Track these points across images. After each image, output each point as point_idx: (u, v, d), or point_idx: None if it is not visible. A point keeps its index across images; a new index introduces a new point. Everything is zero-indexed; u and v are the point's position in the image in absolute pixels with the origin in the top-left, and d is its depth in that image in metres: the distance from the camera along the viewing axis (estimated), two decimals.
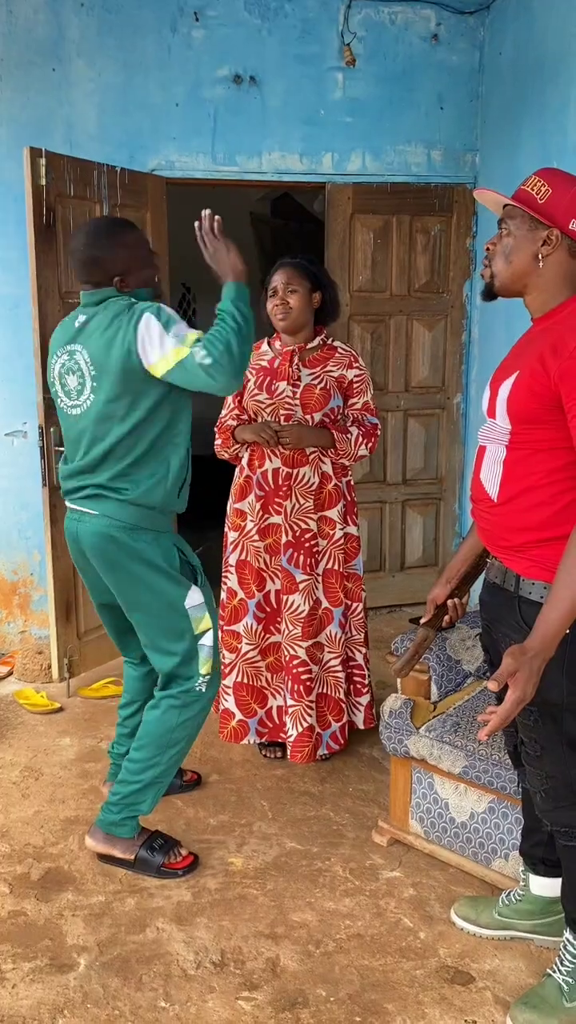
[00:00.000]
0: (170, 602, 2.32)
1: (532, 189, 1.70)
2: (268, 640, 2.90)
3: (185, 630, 2.34)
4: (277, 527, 2.82)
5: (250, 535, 2.84)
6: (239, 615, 2.89)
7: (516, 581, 1.78)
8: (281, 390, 2.76)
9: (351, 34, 3.93)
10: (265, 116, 3.90)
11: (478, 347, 4.33)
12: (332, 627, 2.88)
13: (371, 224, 4.13)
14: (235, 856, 2.51)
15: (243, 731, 2.91)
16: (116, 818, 2.43)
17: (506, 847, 2.28)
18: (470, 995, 2.01)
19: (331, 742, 2.93)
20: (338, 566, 2.87)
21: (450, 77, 4.11)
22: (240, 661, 2.89)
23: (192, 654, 2.36)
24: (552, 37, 3.57)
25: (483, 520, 1.85)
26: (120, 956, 2.13)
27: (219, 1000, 2.00)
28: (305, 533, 2.81)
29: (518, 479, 1.74)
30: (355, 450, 2.80)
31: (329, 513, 2.84)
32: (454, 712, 2.48)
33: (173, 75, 3.77)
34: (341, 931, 2.22)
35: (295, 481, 2.79)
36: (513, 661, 1.57)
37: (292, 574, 2.81)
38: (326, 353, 2.82)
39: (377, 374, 4.28)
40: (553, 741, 1.79)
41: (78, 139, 3.66)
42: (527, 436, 1.71)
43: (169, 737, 2.39)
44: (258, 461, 2.81)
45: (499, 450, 1.77)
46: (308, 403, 2.76)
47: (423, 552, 4.53)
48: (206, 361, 2.11)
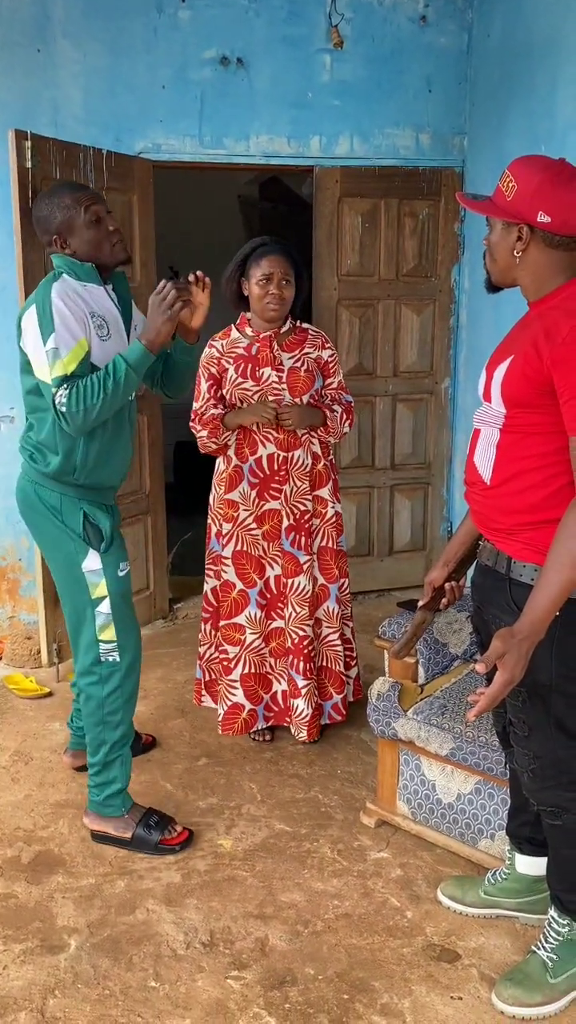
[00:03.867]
0: (68, 561, 2.36)
1: (503, 185, 1.71)
2: (271, 626, 2.93)
3: (82, 592, 2.37)
4: (274, 512, 2.83)
5: (246, 524, 2.84)
6: (240, 607, 2.88)
7: (508, 563, 1.80)
8: (267, 376, 2.76)
9: (339, 15, 3.89)
10: (253, 99, 3.88)
11: (466, 332, 4.33)
12: (329, 603, 2.94)
13: (359, 208, 4.12)
14: (224, 838, 2.54)
15: (252, 720, 2.94)
16: (99, 799, 2.48)
17: (492, 827, 2.31)
18: (456, 972, 2.04)
19: (333, 712, 3.00)
20: (332, 543, 2.94)
21: (438, 59, 4.08)
22: (245, 652, 2.90)
23: (86, 618, 2.38)
24: (540, 19, 3.56)
25: (476, 502, 1.86)
26: (110, 937, 2.15)
27: (208, 979, 2.02)
28: (304, 514, 2.86)
29: (511, 462, 1.75)
30: (341, 427, 2.87)
31: (321, 492, 2.90)
32: (441, 695, 2.50)
33: (159, 57, 3.73)
34: (329, 911, 2.24)
35: (291, 464, 2.82)
36: (502, 644, 1.59)
37: (296, 556, 2.85)
38: (300, 336, 2.85)
39: (365, 359, 4.28)
40: (541, 722, 1.81)
41: (64, 121, 3.63)
42: (521, 420, 1.73)
43: (102, 714, 2.43)
44: (249, 449, 2.81)
45: (493, 433, 1.79)
46: (295, 386, 2.78)
47: (411, 537, 4.54)
48: (62, 408, 2.17)
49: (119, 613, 2.40)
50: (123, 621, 2.42)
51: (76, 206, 2.27)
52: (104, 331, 2.29)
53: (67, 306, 2.18)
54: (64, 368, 2.17)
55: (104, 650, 2.40)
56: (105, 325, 2.30)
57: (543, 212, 1.66)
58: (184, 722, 3.19)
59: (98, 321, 2.27)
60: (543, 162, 1.69)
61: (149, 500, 3.97)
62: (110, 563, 2.37)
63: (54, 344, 2.16)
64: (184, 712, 3.25)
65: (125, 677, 2.43)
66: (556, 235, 1.68)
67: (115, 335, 2.33)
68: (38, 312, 2.19)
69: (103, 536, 2.36)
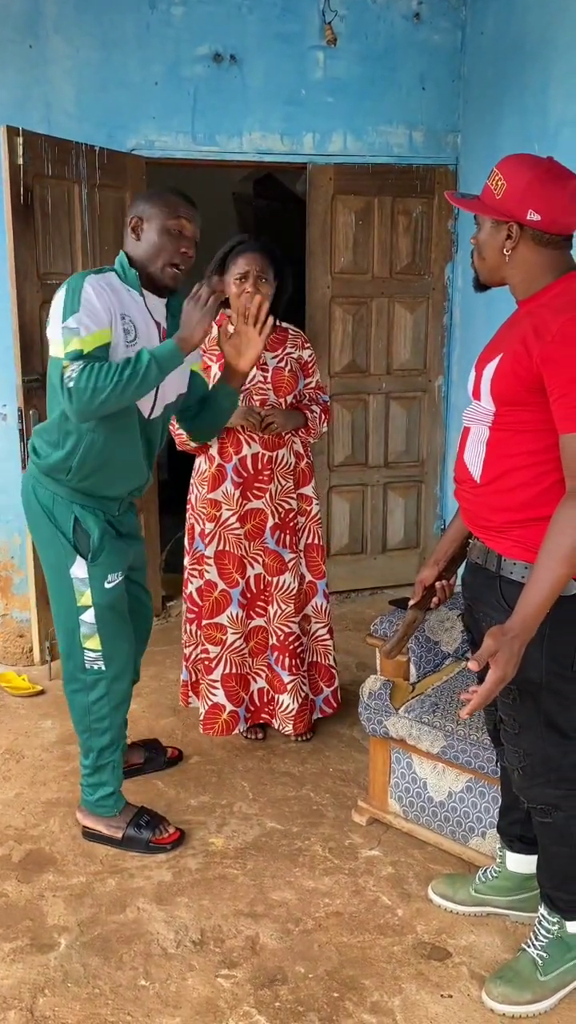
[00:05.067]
0: (58, 561, 2.33)
1: (492, 184, 1.71)
2: (251, 625, 2.92)
3: (69, 597, 2.34)
4: (258, 511, 2.83)
5: (228, 524, 2.83)
6: (221, 606, 2.87)
7: (497, 561, 1.80)
8: (252, 376, 2.75)
9: (332, 12, 3.88)
10: (246, 95, 3.87)
11: (460, 330, 4.33)
12: (318, 598, 2.97)
13: (353, 205, 4.11)
14: (216, 836, 2.53)
15: (234, 721, 2.92)
16: (92, 799, 2.47)
17: (483, 825, 2.31)
18: (446, 970, 2.04)
19: (324, 706, 3.03)
20: (319, 540, 2.96)
21: (432, 57, 4.08)
22: (227, 652, 2.88)
23: (72, 624, 2.35)
24: (533, 16, 3.56)
25: (466, 500, 1.86)
26: (100, 936, 2.15)
27: (199, 978, 2.02)
28: (289, 513, 2.86)
29: (501, 460, 1.75)
30: (320, 427, 2.89)
31: (305, 490, 2.92)
32: (432, 693, 2.50)
33: (152, 53, 3.72)
34: (320, 909, 2.24)
35: (276, 463, 2.81)
36: (494, 642, 1.59)
37: (281, 555, 2.85)
38: (281, 335, 2.85)
39: (359, 357, 4.28)
40: (531, 719, 1.81)
41: (56, 118, 3.61)
42: (510, 417, 1.73)
43: (88, 721, 2.40)
44: (233, 448, 2.79)
45: (483, 431, 1.78)
46: (280, 386, 2.78)
47: (404, 535, 4.54)
48: (69, 384, 2.04)
49: (105, 624, 2.35)
50: (110, 631, 2.37)
51: (172, 208, 2.22)
52: (131, 336, 2.19)
53: (97, 295, 2.11)
54: (81, 344, 2.06)
55: (89, 658, 2.36)
56: (134, 330, 2.20)
57: (533, 210, 1.66)
58: (176, 720, 3.19)
59: (127, 324, 2.18)
60: (531, 160, 1.69)
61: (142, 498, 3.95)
62: (97, 574, 2.31)
63: (75, 324, 2.08)
64: (176, 710, 3.25)
65: (111, 685, 2.39)
66: (545, 233, 1.69)
67: (142, 344, 2.21)
68: (66, 294, 2.13)
69: (91, 545, 2.30)
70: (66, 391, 2.06)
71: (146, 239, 2.23)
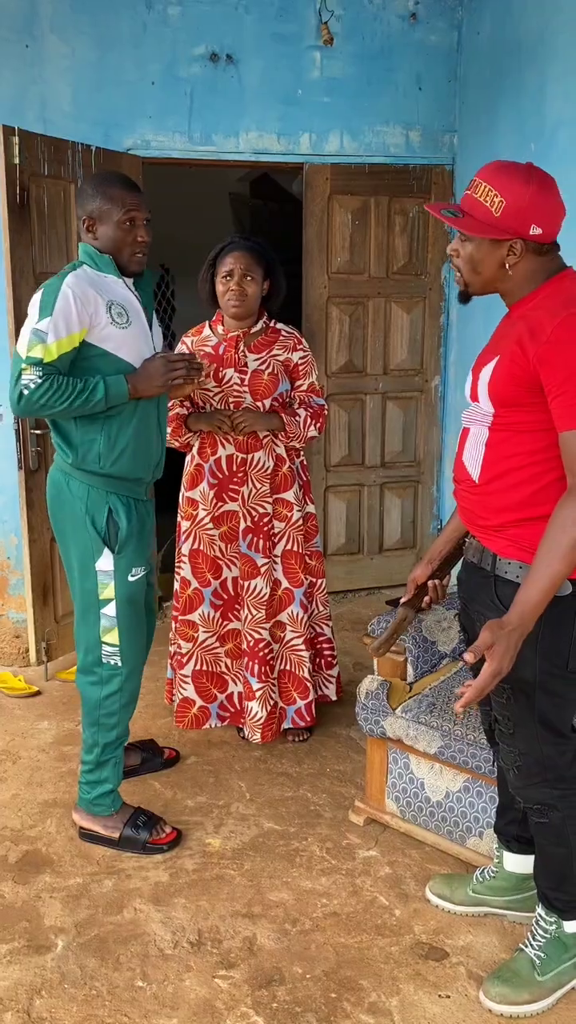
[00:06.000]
0: (85, 555, 2.34)
1: (485, 200, 1.67)
2: (227, 627, 2.90)
3: (92, 590, 2.35)
4: (232, 514, 2.81)
5: (203, 523, 2.82)
6: (194, 604, 2.87)
7: (493, 560, 1.80)
8: (229, 377, 2.73)
9: (329, 12, 3.88)
10: (242, 95, 3.86)
11: (456, 330, 4.33)
12: (293, 607, 2.90)
13: (349, 205, 4.11)
14: (213, 837, 2.53)
15: (204, 717, 2.91)
16: (89, 798, 2.47)
17: (480, 825, 2.30)
18: (444, 971, 2.04)
19: (296, 718, 2.95)
20: (298, 547, 2.88)
21: (428, 57, 4.08)
22: (198, 649, 2.88)
23: (92, 617, 2.37)
24: (529, 17, 3.56)
25: (464, 500, 1.87)
26: (98, 937, 2.14)
27: (196, 979, 2.02)
28: (263, 517, 2.82)
29: (499, 460, 1.75)
30: (305, 432, 2.81)
31: (285, 495, 2.85)
32: (430, 693, 2.50)
33: (148, 53, 3.72)
34: (317, 910, 2.24)
35: (250, 466, 2.78)
36: (490, 634, 1.60)
37: (253, 559, 2.81)
38: (271, 336, 2.81)
39: (355, 357, 4.28)
40: (525, 718, 1.81)
41: (52, 117, 3.61)
42: (509, 418, 1.73)
43: (98, 715, 2.41)
44: (210, 449, 2.79)
45: (482, 432, 1.79)
46: (257, 390, 2.75)
47: (401, 535, 4.54)
48: (24, 390, 2.16)
49: (125, 619, 2.38)
50: (129, 627, 2.39)
51: (119, 203, 2.26)
52: (124, 319, 2.27)
53: (74, 299, 2.16)
54: (44, 352, 2.15)
55: (107, 652, 2.38)
56: (125, 312, 2.27)
57: (535, 224, 1.66)
58: (172, 720, 3.18)
59: (117, 309, 2.26)
60: (521, 172, 1.67)
61: None
62: (122, 566, 2.34)
63: (44, 327, 2.15)
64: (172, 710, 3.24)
65: (125, 682, 2.41)
66: (544, 244, 1.69)
67: (135, 323, 2.31)
68: (43, 294, 2.19)
69: (120, 536, 2.34)
70: (17, 391, 2.17)
71: (103, 236, 2.29)
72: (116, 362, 2.26)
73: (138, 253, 2.32)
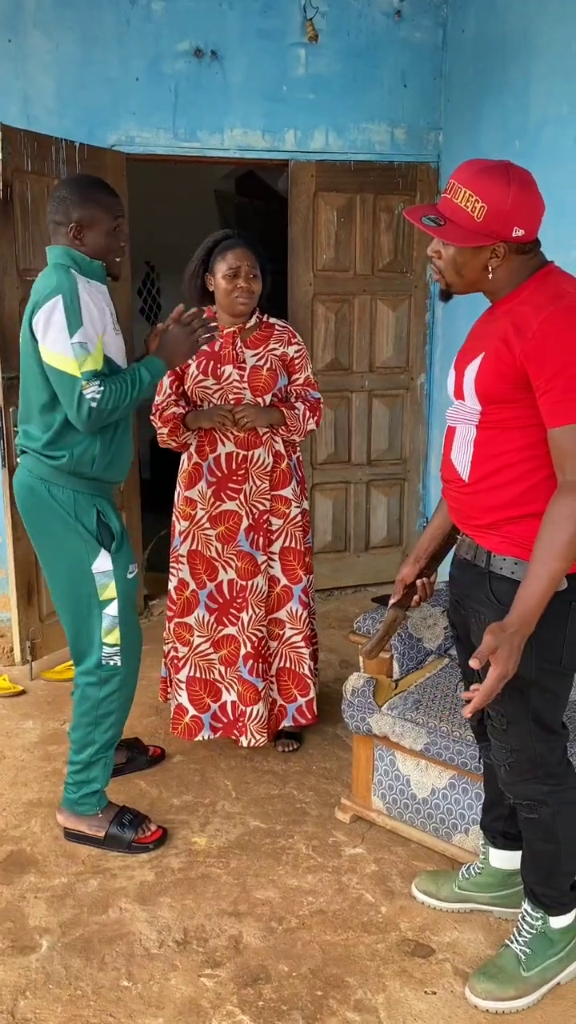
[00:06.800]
0: (77, 561, 2.31)
1: (466, 206, 1.63)
2: (221, 632, 2.83)
3: (89, 593, 2.33)
4: (231, 514, 2.77)
5: (201, 524, 2.79)
6: (191, 607, 2.83)
7: (487, 557, 1.79)
8: (228, 374, 2.71)
9: (313, 9, 3.88)
10: (227, 92, 3.85)
11: (442, 327, 4.33)
12: (292, 604, 2.86)
13: (334, 202, 4.10)
14: (199, 835, 2.52)
15: (197, 727, 2.84)
16: (74, 797, 2.45)
17: (466, 822, 2.31)
18: (430, 967, 2.04)
19: (297, 715, 2.90)
20: (297, 544, 2.86)
21: (413, 54, 4.08)
22: (192, 655, 2.83)
23: (92, 621, 2.35)
24: (513, 14, 3.56)
25: (454, 500, 1.85)
26: (83, 937, 2.13)
27: (182, 978, 2.01)
28: (263, 515, 2.79)
29: (489, 458, 1.74)
30: (304, 425, 2.79)
31: (283, 492, 2.82)
32: (415, 690, 2.50)
33: (132, 48, 3.70)
34: (303, 907, 2.24)
35: (251, 463, 2.75)
36: (493, 638, 1.59)
37: (254, 556, 2.78)
38: (265, 331, 2.79)
39: (341, 354, 4.27)
40: (519, 715, 1.81)
41: (35, 113, 3.59)
42: (497, 415, 1.72)
43: (95, 715, 2.39)
44: (209, 447, 2.75)
45: (469, 430, 1.78)
46: (257, 385, 2.72)
47: (387, 532, 4.54)
48: (92, 403, 2.15)
49: (125, 617, 2.37)
50: (128, 625, 2.39)
51: (109, 211, 2.28)
52: (118, 326, 2.33)
53: (94, 302, 2.19)
54: (95, 363, 2.17)
55: (107, 653, 2.37)
56: (117, 323, 2.34)
57: (517, 227, 1.64)
58: (158, 719, 3.17)
59: (113, 318, 2.31)
60: (499, 172, 1.63)
61: (124, 496, 3.94)
62: (120, 564, 2.34)
63: (83, 338, 2.15)
64: (159, 710, 3.23)
65: (124, 681, 2.41)
66: (526, 243, 1.69)
67: (120, 329, 2.36)
68: (65, 303, 2.14)
69: (113, 535, 2.33)
70: (86, 410, 2.15)
71: (92, 243, 2.29)
72: (114, 368, 2.27)
73: (120, 257, 2.36)
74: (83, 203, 2.25)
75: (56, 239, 2.29)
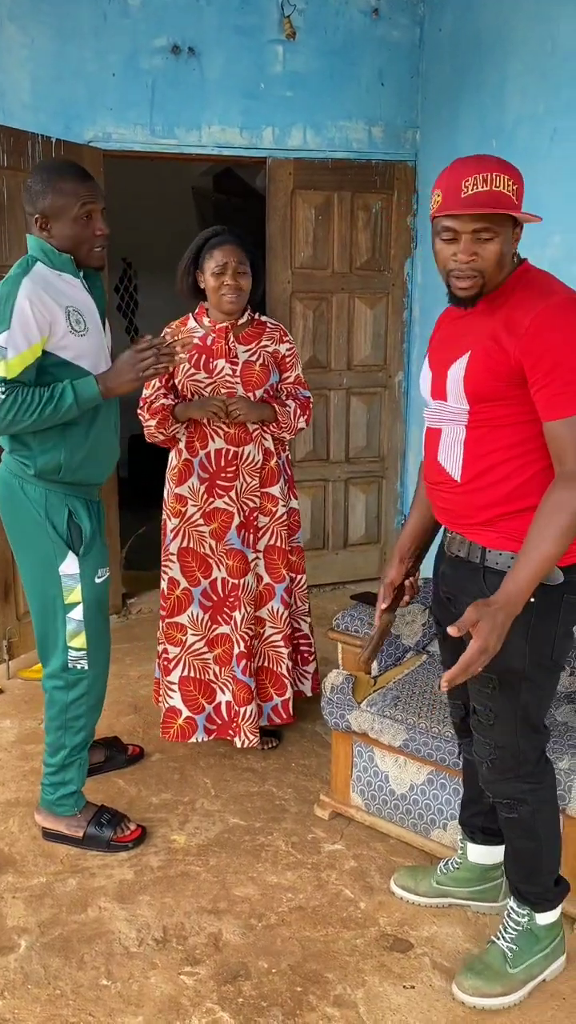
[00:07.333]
0: (45, 560, 2.28)
1: (507, 189, 1.63)
2: (216, 631, 2.81)
3: (55, 595, 2.30)
4: (223, 511, 2.75)
5: (193, 520, 2.77)
6: (183, 605, 2.80)
7: (481, 553, 1.78)
8: (220, 368, 2.70)
9: (291, 6, 3.87)
10: (204, 88, 3.84)
11: (419, 325, 4.35)
12: (274, 603, 2.85)
13: (312, 200, 4.11)
14: (178, 833, 2.52)
15: (191, 729, 2.81)
16: (52, 798, 2.44)
17: (445, 817, 2.32)
18: (409, 961, 2.05)
19: (272, 715, 2.89)
20: (281, 542, 2.84)
21: (391, 53, 4.09)
22: (185, 654, 2.80)
23: (57, 623, 2.32)
24: (490, 14, 3.58)
25: (445, 500, 1.84)
26: (61, 936, 2.12)
27: (161, 976, 2.01)
28: (253, 511, 2.79)
29: (480, 457, 1.74)
30: (295, 422, 2.79)
31: (271, 490, 2.81)
32: (394, 686, 2.51)
33: (109, 43, 3.68)
34: (283, 904, 2.24)
35: (241, 460, 2.74)
36: (475, 611, 1.59)
37: (245, 554, 2.76)
38: (257, 328, 2.78)
39: (319, 352, 4.28)
40: (507, 711, 1.81)
41: (11, 107, 3.56)
42: (487, 414, 1.71)
43: (63, 719, 2.37)
44: (199, 443, 2.73)
45: (457, 430, 1.76)
46: (249, 380, 2.72)
47: (366, 530, 4.56)
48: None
49: (92, 621, 2.34)
50: (95, 630, 2.35)
51: (74, 197, 2.15)
52: (81, 325, 2.19)
53: (32, 307, 2.07)
54: (6, 369, 2.07)
55: (73, 657, 2.34)
56: (82, 319, 2.20)
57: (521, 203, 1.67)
58: (137, 718, 3.16)
59: (75, 316, 2.17)
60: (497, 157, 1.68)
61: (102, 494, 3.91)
62: (88, 568, 2.30)
63: (3, 342, 2.06)
64: (137, 708, 3.22)
65: (92, 685, 2.38)
66: None
67: (92, 329, 2.23)
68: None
69: (83, 538, 2.29)
70: None
71: (59, 234, 2.18)
72: (75, 371, 2.19)
73: (98, 247, 2.24)
74: (46, 192, 2.16)
75: (30, 231, 2.23)
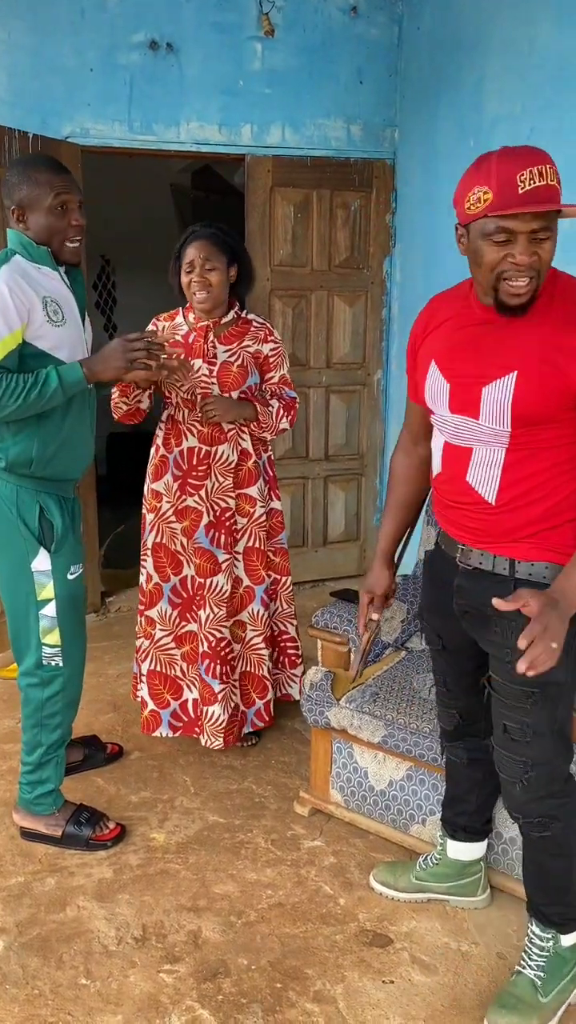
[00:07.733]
0: (16, 556, 2.27)
1: (558, 183, 1.53)
2: (184, 628, 2.81)
3: (27, 592, 2.29)
4: (193, 509, 2.74)
5: (166, 516, 2.77)
6: (155, 600, 2.80)
7: (510, 565, 1.74)
8: (197, 368, 2.68)
9: (269, 3, 3.87)
10: (183, 85, 3.83)
11: (398, 324, 4.36)
12: (254, 605, 2.84)
13: (291, 198, 4.11)
14: (157, 831, 2.51)
15: (155, 722, 2.82)
16: (29, 797, 2.43)
17: (424, 813, 2.33)
18: (388, 956, 2.06)
19: (256, 719, 2.89)
20: (260, 544, 2.82)
21: (369, 51, 4.09)
22: (153, 648, 2.81)
23: (30, 619, 2.31)
24: (468, 13, 3.60)
25: (473, 521, 1.77)
26: (40, 936, 2.11)
27: (140, 974, 2.00)
28: (225, 512, 2.75)
29: (520, 480, 1.69)
30: (277, 423, 2.76)
31: (248, 491, 2.78)
32: (373, 683, 2.51)
33: (87, 39, 3.66)
34: (263, 901, 2.24)
35: (214, 459, 2.72)
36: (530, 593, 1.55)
37: (213, 554, 2.74)
38: (241, 328, 2.75)
39: (298, 350, 4.28)
40: (544, 726, 1.76)
41: None
42: (531, 436, 1.66)
43: (39, 716, 2.37)
44: (175, 439, 2.73)
45: (495, 452, 1.70)
46: (225, 381, 2.69)
47: (345, 527, 4.57)
48: None
49: (65, 618, 2.33)
50: (69, 626, 2.34)
51: (48, 187, 2.15)
52: (59, 316, 2.19)
53: (12, 293, 2.07)
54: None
55: (47, 654, 2.33)
56: (60, 310, 2.20)
57: None
58: (116, 716, 3.15)
59: (53, 307, 2.17)
60: None
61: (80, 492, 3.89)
62: (60, 564, 2.29)
63: None
64: (116, 706, 3.21)
65: (67, 682, 2.37)
66: None
67: (70, 321, 2.23)
68: None
69: (55, 534, 2.28)
70: None
71: (35, 225, 2.19)
72: (52, 363, 2.17)
73: (75, 239, 2.24)
74: (20, 184, 2.16)
75: (9, 225, 2.23)
